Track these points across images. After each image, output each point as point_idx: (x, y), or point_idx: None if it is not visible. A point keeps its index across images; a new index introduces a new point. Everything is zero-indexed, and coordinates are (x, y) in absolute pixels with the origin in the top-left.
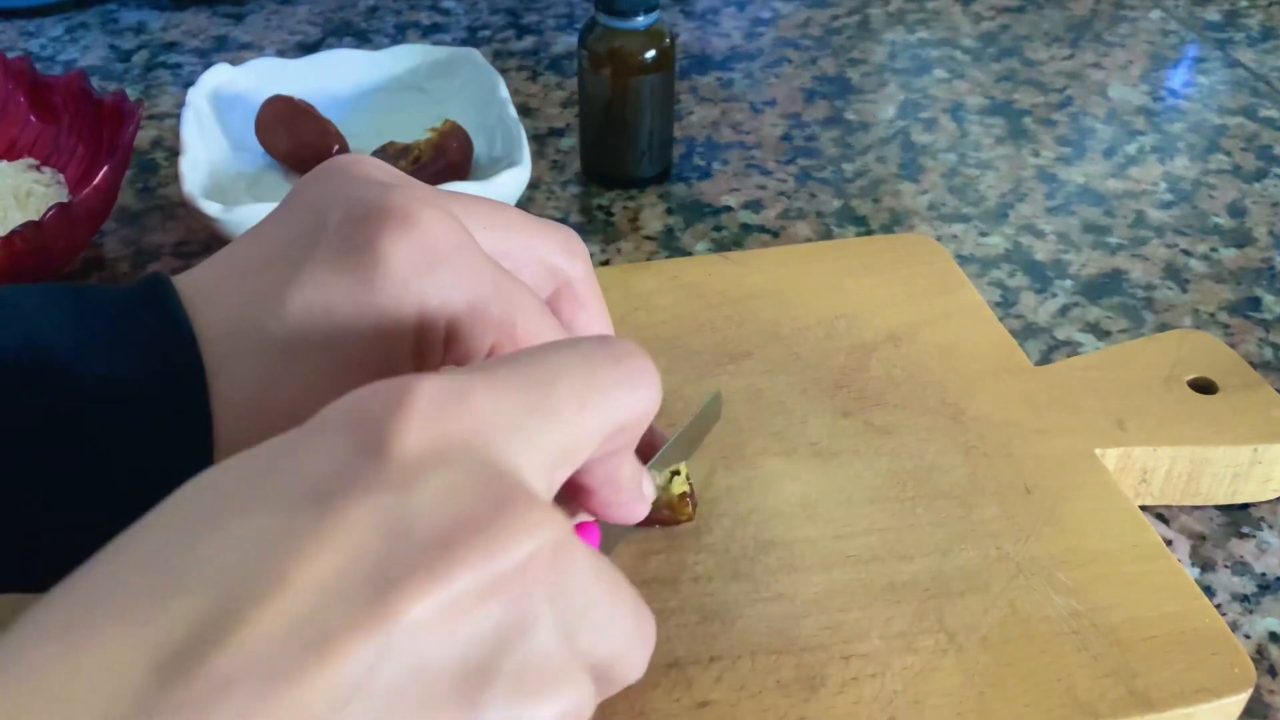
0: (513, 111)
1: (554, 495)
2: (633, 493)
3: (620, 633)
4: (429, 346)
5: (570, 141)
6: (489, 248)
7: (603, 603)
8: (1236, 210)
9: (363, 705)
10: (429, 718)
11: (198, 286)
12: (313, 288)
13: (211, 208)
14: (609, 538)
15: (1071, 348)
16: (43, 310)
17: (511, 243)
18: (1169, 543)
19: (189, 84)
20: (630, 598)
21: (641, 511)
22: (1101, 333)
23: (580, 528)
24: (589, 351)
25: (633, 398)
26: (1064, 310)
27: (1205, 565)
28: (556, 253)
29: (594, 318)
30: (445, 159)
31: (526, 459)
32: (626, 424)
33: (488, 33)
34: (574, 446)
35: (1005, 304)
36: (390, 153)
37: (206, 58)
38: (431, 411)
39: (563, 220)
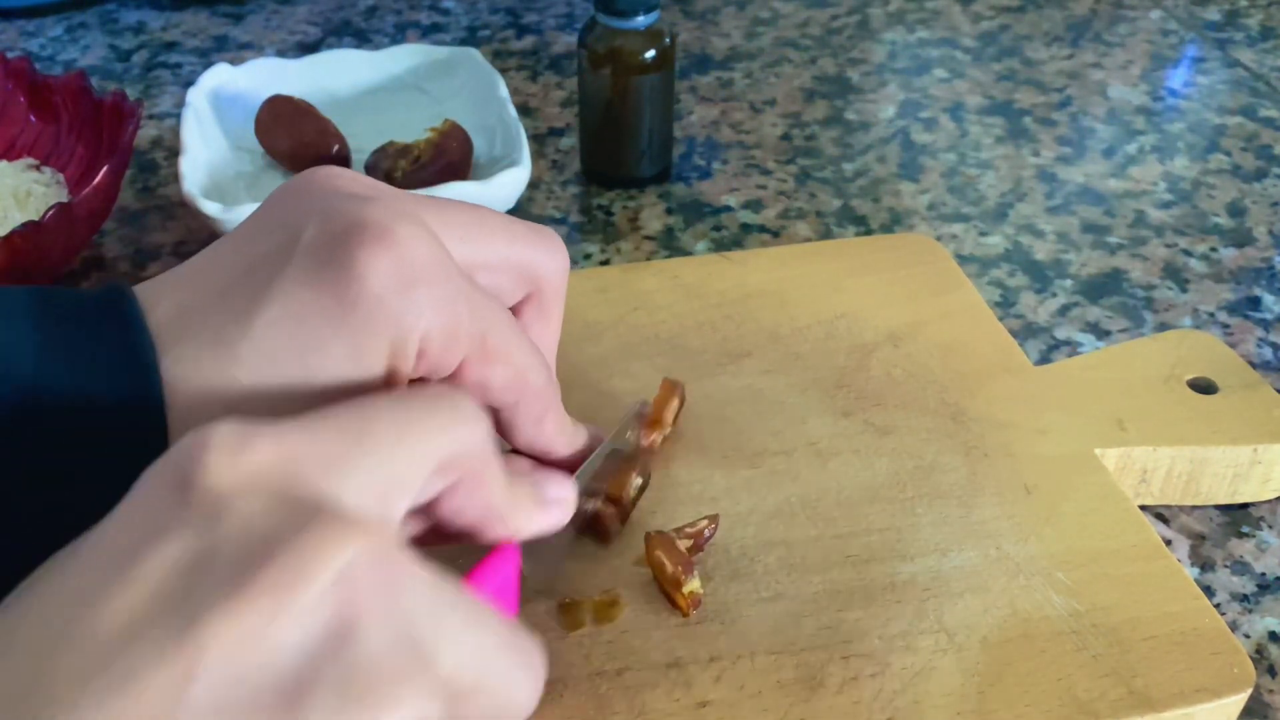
0: (512, 111)
1: (402, 524)
2: (521, 509)
3: (485, 657)
4: (401, 362)
5: (570, 141)
6: (465, 257)
7: (452, 620)
8: (1236, 210)
9: None
10: None
11: (161, 302)
12: (284, 303)
13: (211, 208)
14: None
15: (1071, 348)
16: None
17: (490, 251)
18: (1169, 543)
19: (189, 84)
20: (497, 622)
21: (549, 520)
22: (1101, 332)
23: (498, 553)
24: (403, 398)
25: (454, 431)
26: (1064, 310)
27: (1205, 565)
28: (537, 255)
29: (550, 328)
30: (445, 159)
31: (345, 488)
32: (456, 455)
33: (487, 32)
34: (399, 475)
35: (1005, 304)
36: (390, 152)
37: (206, 58)
38: (236, 447)
39: (562, 220)
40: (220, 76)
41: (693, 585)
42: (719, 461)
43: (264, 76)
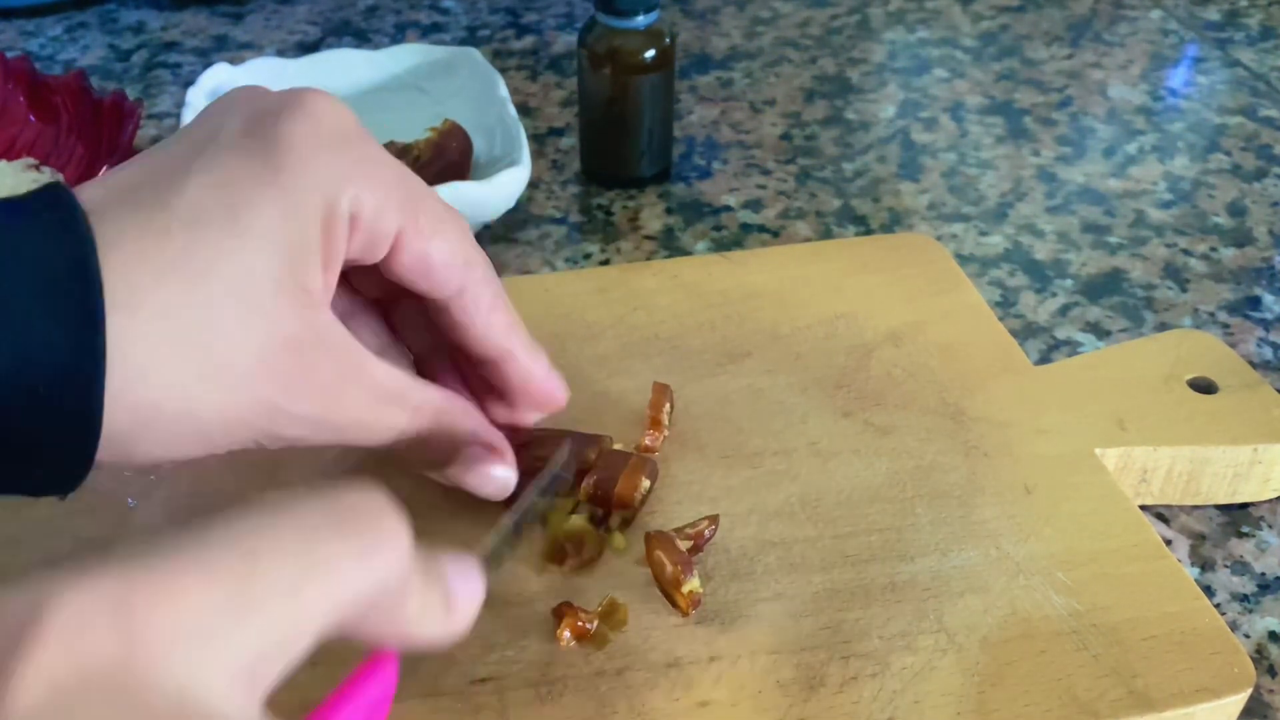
0: (512, 111)
1: (268, 691)
2: (430, 624)
3: None
4: (335, 225)
5: (570, 141)
6: None
7: None
8: (1236, 210)
9: None
10: None
11: (91, 188)
12: (215, 168)
13: None
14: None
15: (1071, 347)
16: None
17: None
18: (1169, 542)
19: (189, 84)
20: None
21: (455, 628)
22: (1101, 332)
23: (375, 660)
24: (308, 518)
25: (367, 571)
26: (1064, 310)
27: (1205, 565)
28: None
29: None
30: (445, 159)
31: (206, 674)
32: (368, 594)
33: (487, 32)
34: (287, 638)
35: (1005, 303)
36: (390, 152)
37: (206, 57)
38: (68, 638)
39: (562, 220)
40: (220, 76)
41: (692, 585)
42: (719, 461)
43: (264, 76)
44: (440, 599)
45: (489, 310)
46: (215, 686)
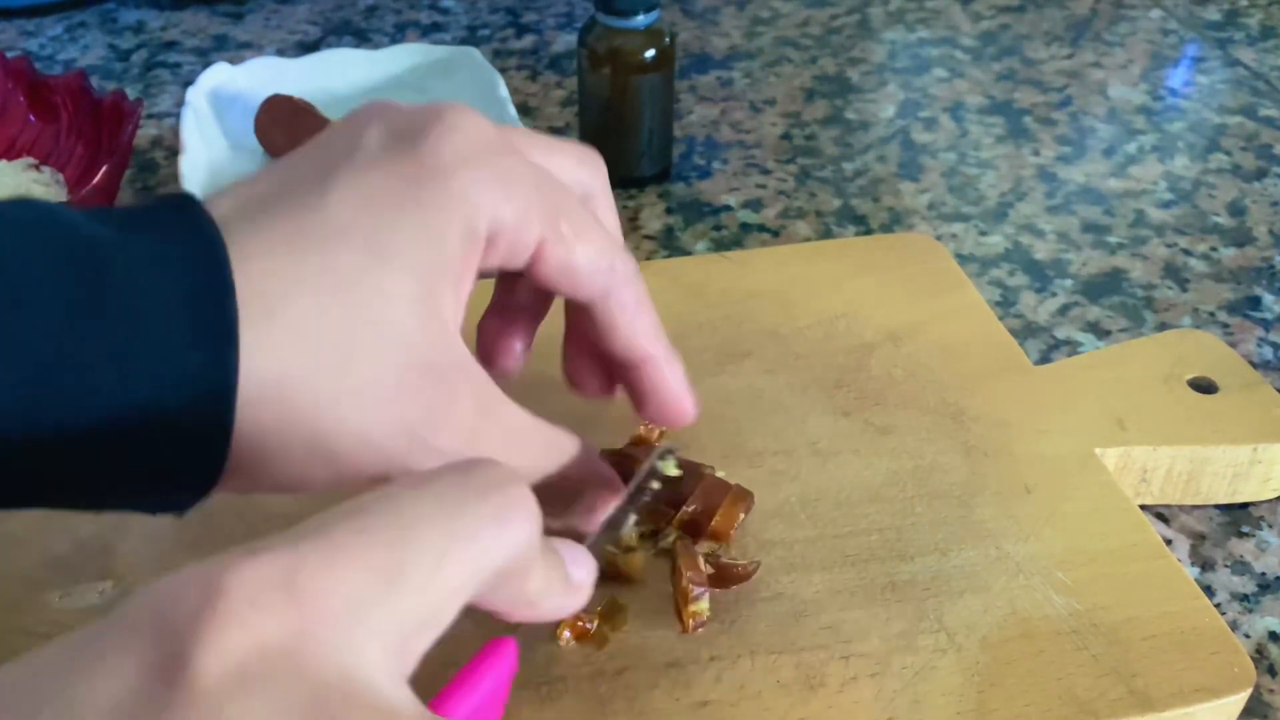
0: (512, 111)
1: (414, 666)
2: (552, 597)
3: None
4: (473, 244)
5: None
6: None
7: None
8: (1236, 209)
9: None
10: None
11: (224, 200)
12: (353, 185)
13: None
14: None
15: (1071, 347)
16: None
17: (533, 156)
18: (1169, 542)
19: (188, 83)
20: None
21: (572, 605)
22: (1101, 332)
23: (496, 645)
24: (448, 492)
25: (504, 538)
26: (1064, 310)
27: (1205, 565)
28: (576, 167)
29: (612, 229)
30: None
31: (368, 649)
32: (502, 568)
33: (487, 32)
34: (433, 613)
35: (1005, 303)
36: None
37: (206, 57)
38: (247, 615)
39: None
40: (220, 76)
41: (700, 607)
42: (719, 461)
43: (264, 76)
44: (560, 574)
45: (634, 314)
46: (373, 663)
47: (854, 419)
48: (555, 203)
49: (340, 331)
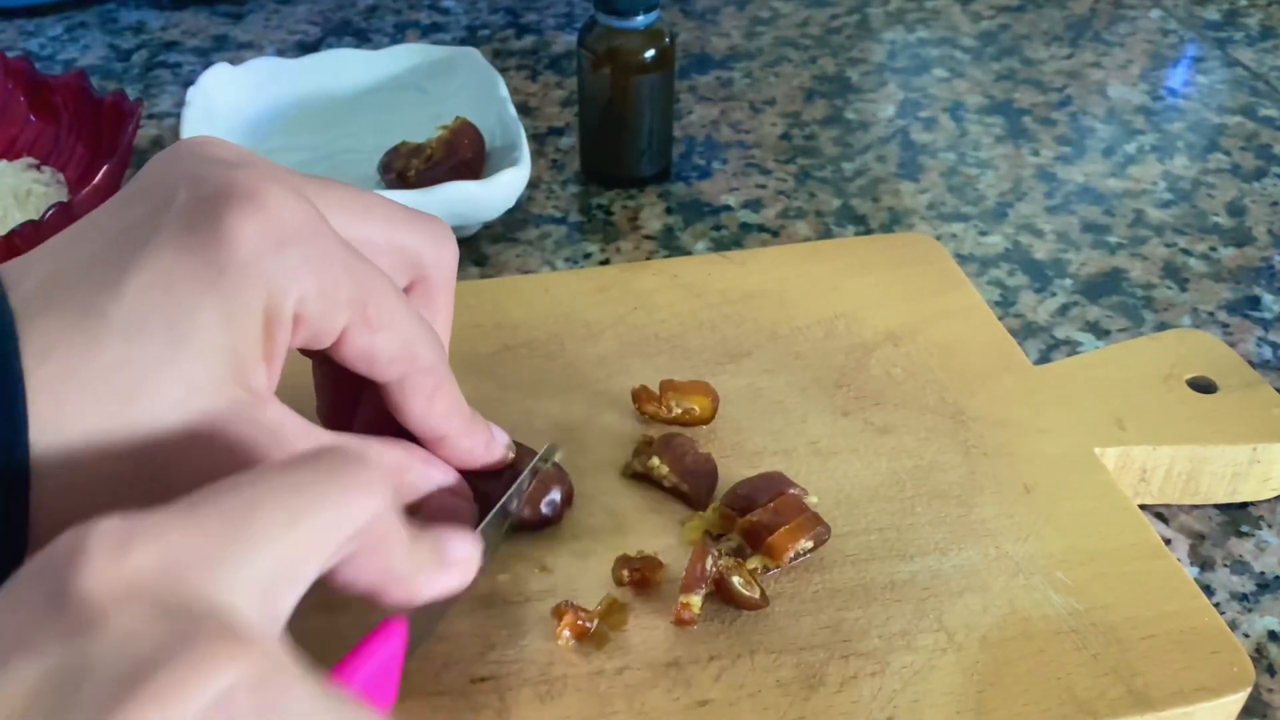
0: (512, 111)
1: (287, 614)
2: (423, 571)
3: None
4: (277, 328)
5: (570, 141)
6: (345, 232)
7: None
8: (1236, 209)
9: None
10: None
11: (28, 277)
12: (154, 269)
13: None
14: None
15: (1071, 347)
16: None
17: (371, 230)
18: (1168, 542)
19: (189, 83)
20: None
21: (451, 582)
22: (1101, 332)
23: (385, 625)
24: (295, 473)
25: (354, 506)
26: (1063, 309)
27: (1204, 564)
28: (421, 241)
29: (439, 318)
30: (458, 156)
31: (230, 589)
32: (356, 531)
33: (487, 32)
34: (292, 566)
35: (1004, 303)
36: (403, 152)
37: (206, 57)
38: (113, 551)
39: (562, 220)
40: (220, 76)
41: (691, 601)
42: (718, 461)
43: (264, 76)
44: (431, 553)
45: (429, 397)
46: (236, 601)
47: (853, 418)
48: (363, 287)
49: (139, 435)
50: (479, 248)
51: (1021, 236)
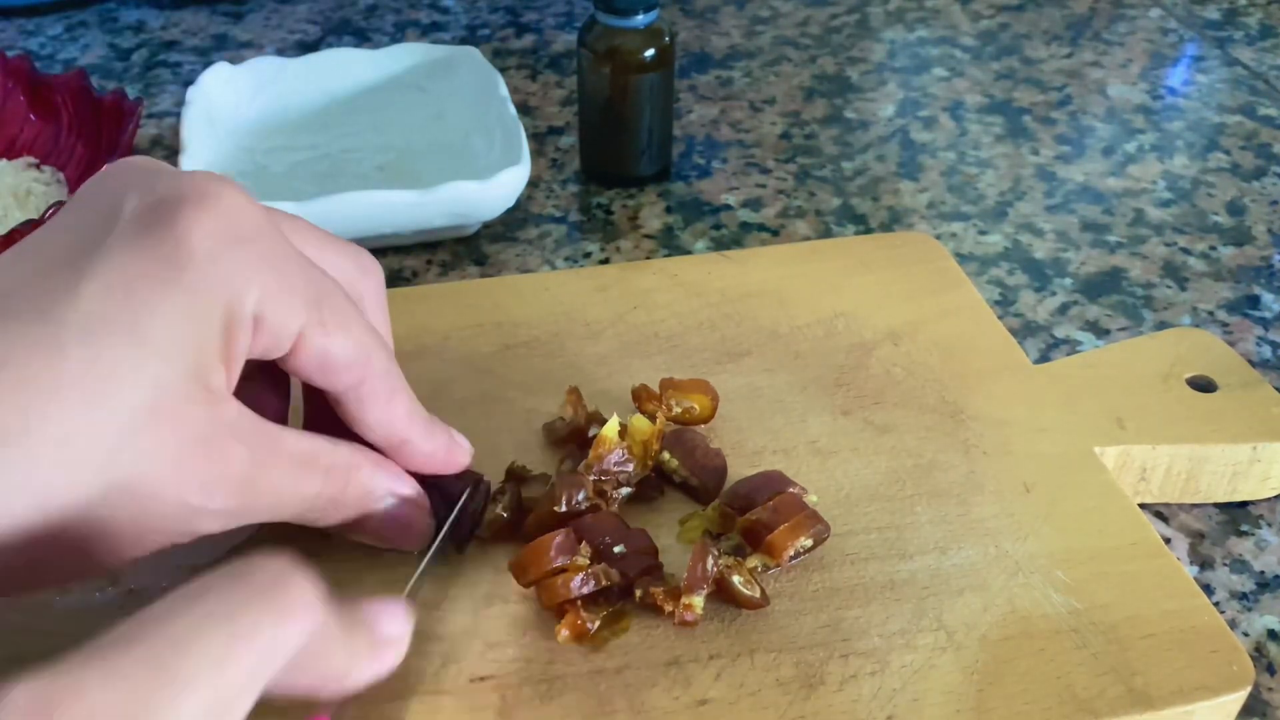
0: (512, 110)
1: None
2: (358, 663)
3: None
4: (237, 329)
5: (569, 140)
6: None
7: None
8: (1235, 208)
9: None
10: None
11: None
12: (110, 271)
13: None
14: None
15: (1070, 346)
16: None
17: (307, 249)
18: (1168, 541)
19: (189, 83)
20: None
21: (384, 666)
22: (1101, 331)
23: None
24: (227, 595)
25: (288, 631)
26: (1063, 308)
27: (1204, 563)
28: (348, 269)
29: (380, 329)
30: None
31: None
32: (293, 657)
33: (487, 31)
34: (225, 704)
35: (1004, 302)
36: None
37: (206, 56)
38: None
39: (561, 219)
40: (220, 75)
41: (693, 601)
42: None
43: (264, 76)
44: (365, 643)
45: (387, 401)
46: None
47: (853, 418)
48: (319, 291)
49: (103, 435)
50: (479, 247)
51: (1021, 236)
